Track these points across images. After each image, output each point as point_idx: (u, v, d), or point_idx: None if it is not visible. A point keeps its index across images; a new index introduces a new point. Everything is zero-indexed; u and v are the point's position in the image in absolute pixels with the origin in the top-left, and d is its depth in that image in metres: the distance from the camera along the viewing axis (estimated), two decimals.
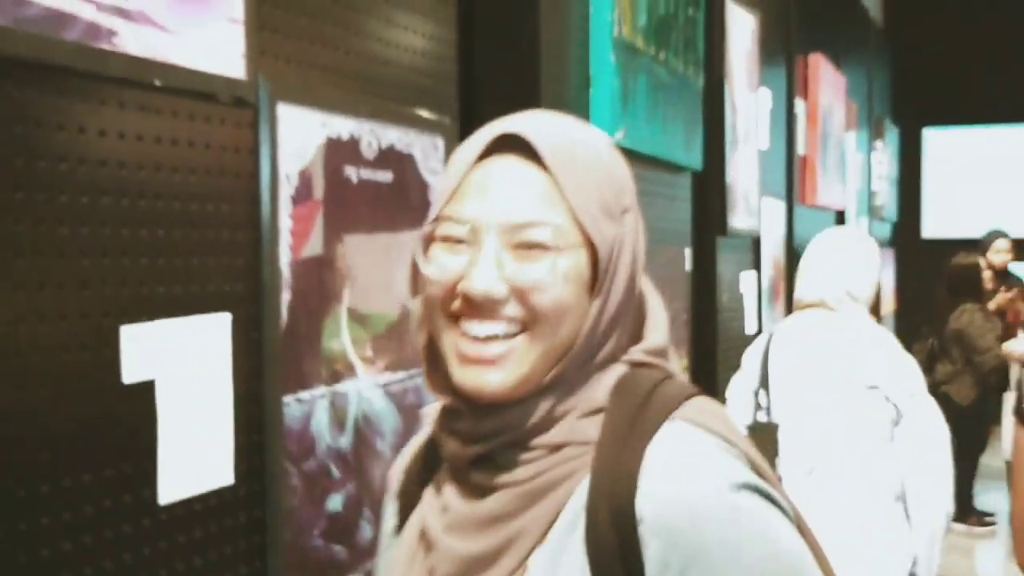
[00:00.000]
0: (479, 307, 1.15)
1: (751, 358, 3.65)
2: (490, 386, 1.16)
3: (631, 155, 3.43)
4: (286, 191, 1.99)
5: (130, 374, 1.70)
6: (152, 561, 1.75)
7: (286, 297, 1.99)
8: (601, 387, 1.21)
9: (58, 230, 1.59)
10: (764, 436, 3.33)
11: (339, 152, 2.14)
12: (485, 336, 1.16)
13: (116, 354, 1.68)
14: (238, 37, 1.86)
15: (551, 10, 3.01)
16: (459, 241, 1.17)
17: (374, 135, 2.24)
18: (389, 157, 2.29)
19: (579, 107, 3.23)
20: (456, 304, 1.17)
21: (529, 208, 1.17)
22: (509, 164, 1.18)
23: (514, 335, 1.17)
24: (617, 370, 1.24)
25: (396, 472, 1.41)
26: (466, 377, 1.18)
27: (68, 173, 1.60)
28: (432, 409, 1.34)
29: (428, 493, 1.29)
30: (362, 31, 2.25)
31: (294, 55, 2.06)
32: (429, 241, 1.20)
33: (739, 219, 4.77)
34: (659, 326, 1.31)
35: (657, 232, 3.89)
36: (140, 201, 1.72)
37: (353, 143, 2.18)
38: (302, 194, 2.04)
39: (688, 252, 4.35)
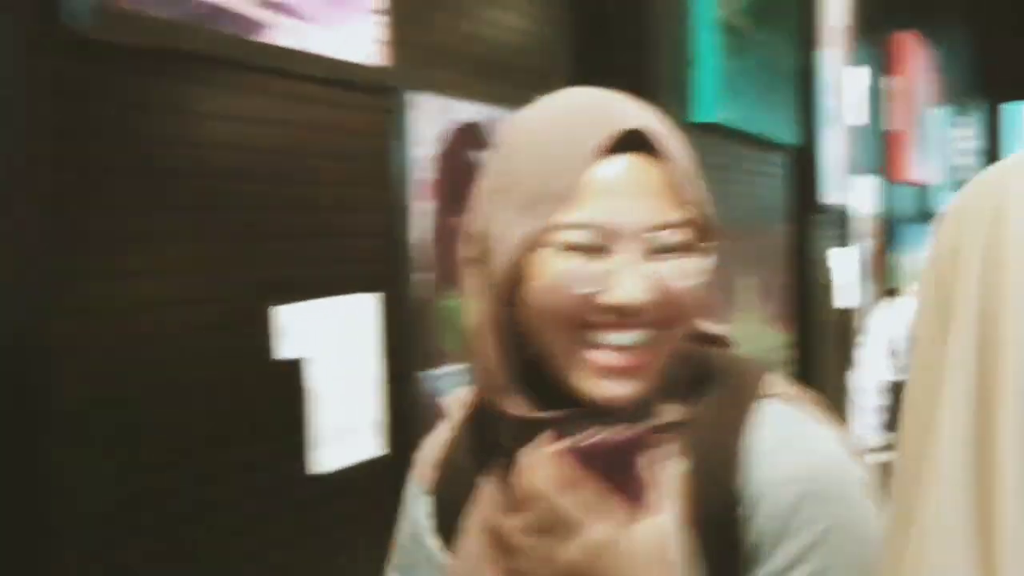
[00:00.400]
0: (623, 317, 1.10)
1: (880, 322, 3.64)
2: (628, 395, 1.11)
3: (732, 133, 3.45)
4: (417, 174, 2.03)
5: (282, 352, 1.76)
6: (308, 528, 1.81)
7: (426, 276, 2.04)
8: (684, 367, 1.17)
9: (214, 216, 1.65)
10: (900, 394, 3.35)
11: (463, 136, 2.17)
12: (629, 345, 1.11)
13: (268, 334, 1.74)
14: (376, 28, 1.92)
15: None
16: (585, 248, 1.09)
17: (498, 119, 2.27)
18: None
19: (681, 87, 3.26)
20: (592, 315, 1.10)
21: (662, 210, 1.10)
22: (630, 163, 1.11)
23: (651, 340, 1.12)
24: (692, 348, 1.20)
25: (424, 466, 1.32)
26: (602, 388, 1.11)
27: (222, 161, 1.66)
28: (456, 401, 1.30)
29: (487, 493, 1.22)
30: (485, 20, 2.30)
31: (424, 44, 2.11)
32: (530, 245, 1.10)
33: (832, 195, 4.74)
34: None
35: (755, 208, 3.89)
36: (288, 188, 1.78)
37: (475, 127, 2.22)
38: (432, 176, 2.07)
39: (784, 228, 4.34)
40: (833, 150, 4.75)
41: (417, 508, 1.30)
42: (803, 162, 4.44)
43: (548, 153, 1.10)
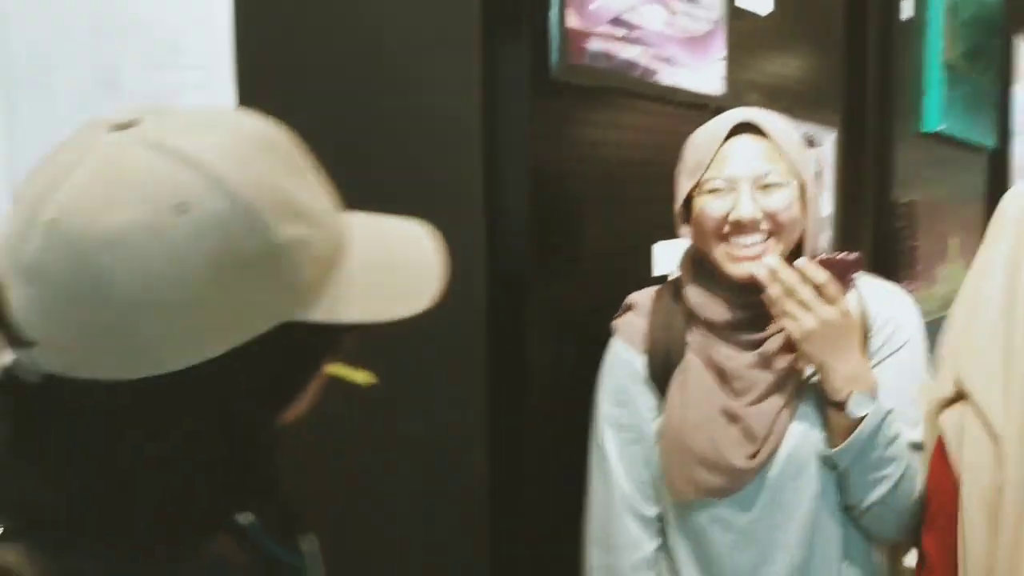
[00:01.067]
0: (743, 227, 1.20)
1: None
2: (750, 275, 1.21)
3: (949, 139, 3.22)
4: None
5: (657, 270, 1.79)
6: None
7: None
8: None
9: (617, 187, 1.68)
10: None
11: None
12: (749, 244, 1.21)
13: (650, 261, 1.78)
14: (721, 70, 1.92)
15: (902, 45, 2.89)
16: (719, 191, 1.22)
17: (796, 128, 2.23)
18: (805, 142, 2.27)
19: (917, 108, 3.08)
20: (726, 228, 1.22)
21: (763, 163, 1.22)
22: (744, 139, 1.23)
23: (764, 241, 1.21)
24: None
25: (633, 335, 1.34)
26: (738, 269, 1.22)
27: (632, 162, 1.70)
28: (641, 296, 1.38)
29: (695, 350, 1.27)
30: (782, 63, 2.25)
31: (749, 80, 2.10)
32: (689, 196, 1.26)
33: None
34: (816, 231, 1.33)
35: (963, 192, 3.63)
36: (665, 169, 1.78)
37: None
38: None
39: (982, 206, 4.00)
40: (1020, 152, 4.33)
41: (631, 365, 1.33)
42: (998, 161, 4.08)
43: (699, 142, 1.28)
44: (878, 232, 2.87)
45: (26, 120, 0.98)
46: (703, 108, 1.88)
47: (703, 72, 1.86)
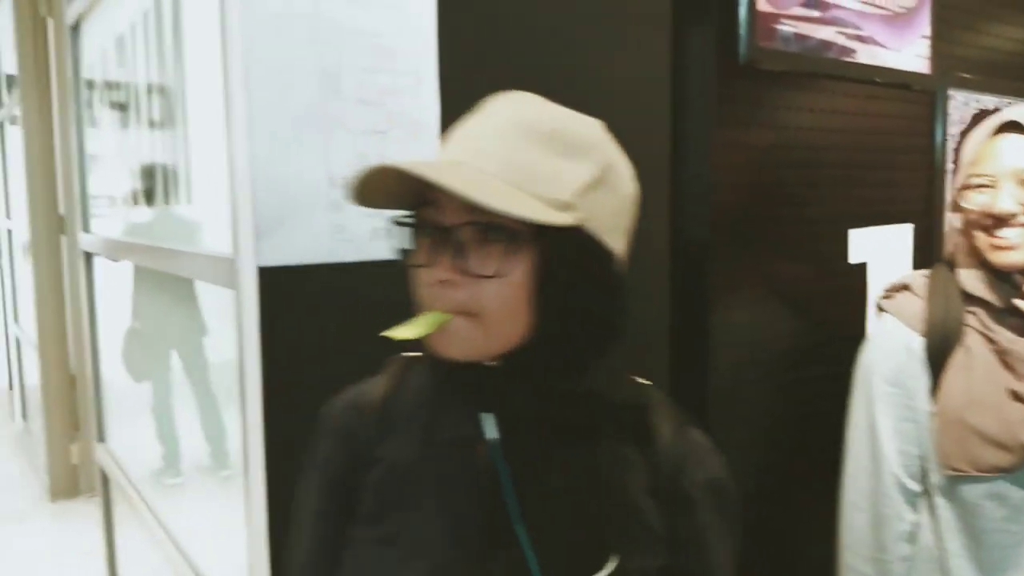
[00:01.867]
0: (1003, 220, 1.24)
1: None
2: (1012, 264, 1.25)
3: None
4: (950, 145, 1.94)
5: (852, 258, 1.77)
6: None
7: (948, 214, 1.95)
8: None
9: (810, 172, 1.67)
10: None
11: (981, 119, 2.03)
12: (1008, 236, 1.24)
13: (845, 247, 1.76)
14: (925, 47, 1.85)
15: None
16: (985, 186, 1.26)
17: (1009, 106, 2.10)
18: None
19: None
20: (988, 221, 1.25)
21: None
22: (1010, 137, 1.25)
23: (1021, 234, 1.25)
24: None
25: (911, 319, 1.34)
26: (1000, 258, 1.26)
27: (829, 138, 1.68)
28: (914, 277, 1.38)
29: (974, 332, 1.29)
30: (1002, 35, 2.11)
31: (958, 56, 2.00)
32: (963, 188, 1.29)
33: None
34: None
35: None
36: (859, 153, 1.77)
37: (989, 112, 2.06)
38: (959, 147, 1.98)
39: None
40: None
41: (908, 345, 1.32)
42: None
43: (974, 138, 1.31)
44: None
45: (262, 128, 1.10)
46: (906, 88, 1.84)
47: (906, 50, 1.79)
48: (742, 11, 1.44)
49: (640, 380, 0.84)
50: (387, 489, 0.80)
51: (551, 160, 0.73)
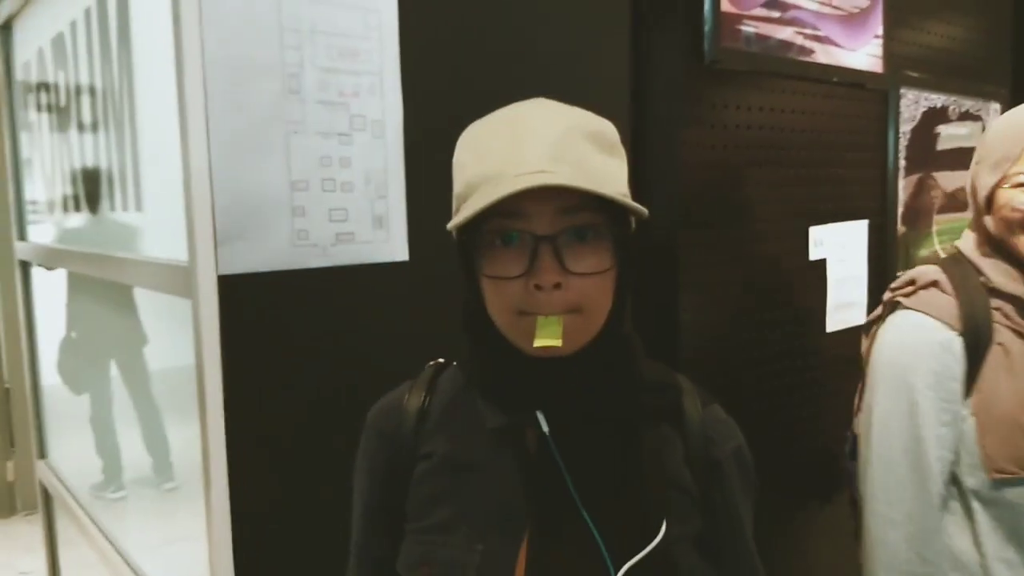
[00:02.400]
0: None
1: None
2: None
3: None
4: (902, 143, 1.97)
5: (812, 255, 1.79)
6: (822, 361, 1.83)
7: (900, 211, 1.98)
8: None
9: (772, 171, 1.68)
10: None
11: (934, 116, 2.07)
12: None
13: (805, 243, 1.77)
14: (878, 47, 1.88)
15: None
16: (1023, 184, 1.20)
17: (957, 104, 2.15)
18: (966, 118, 2.19)
19: None
20: None
21: None
22: None
23: None
24: None
25: (950, 318, 1.25)
26: None
27: (786, 137, 1.70)
28: (935, 272, 1.28)
29: (1006, 328, 1.24)
30: (944, 36, 2.15)
31: (908, 56, 2.03)
32: (1003, 187, 1.22)
33: None
34: None
35: None
36: (817, 152, 1.79)
37: (943, 110, 2.11)
38: (911, 144, 2.00)
39: None
40: None
41: (949, 345, 1.23)
42: None
43: (1005, 135, 1.24)
44: None
45: (220, 131, 1.07)
46: (860, 87, 1.86)
47: (860, 50, 1.82)
48: (707, 11, 1.44)
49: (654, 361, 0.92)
50: (437, 481, 0.87)
51: (604, 159, 0.81)
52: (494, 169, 0.79)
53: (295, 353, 1.15)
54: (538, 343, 0.77)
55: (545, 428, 0.83)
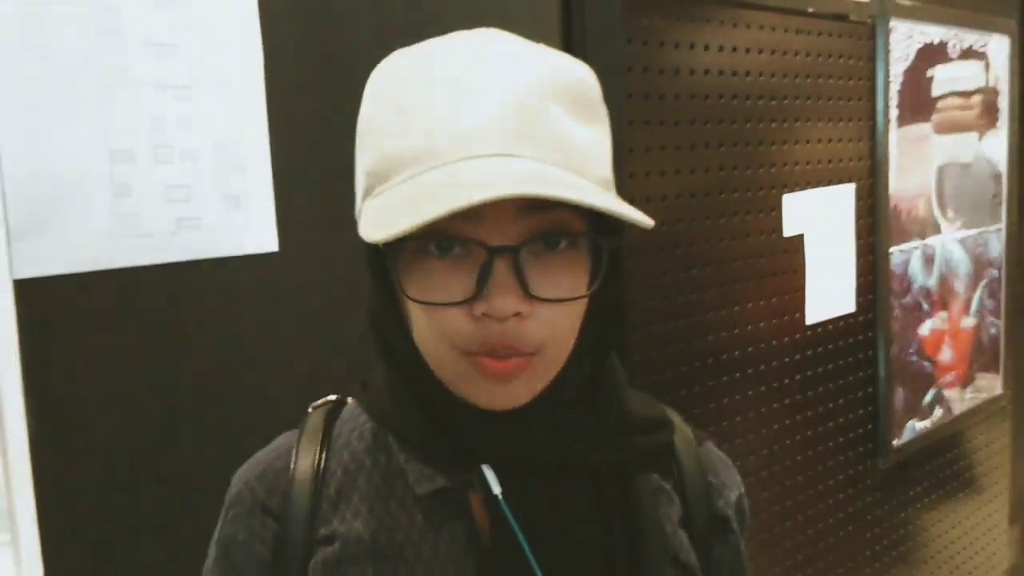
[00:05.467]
0: None
1: None
2: None
3: None
4: (894, 87, 1.98)
5: (788, 230, 1.78)
6: (800, 365, 1.83)
7: (893, 171, 1.99)
8: None
9: (733, 127, 1.65)
10: None
11: (930, 54, 2.09)
12: None
13: (779, 216, 1.76)
14: None
15: None
16: None
17: (958, 38, 2.16)
18: (968, 55, 2.21)
19: None
20: None
21: None
22: None
23: None
24: None
25: None
26: None
27: (735, 84, 1.66)
28: None
29: None
30: None
31: None
32: None
33: None
34: None
35: None
36: (789, 101, 1.76)
37: (942, 46, 2.12)
38: (904, 89, 2.01)
39: None
40: None
41: None
42: None
43: None
44: None
45: (4, 91, 0.99)
46: (842, 19, 1.85)
47: None
48: None
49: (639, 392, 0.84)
50: (347, 573, 0.75)
51: (583, 129, 0.70)
52: (429, 142, 0.66)
53: (124, 377, 1.09)
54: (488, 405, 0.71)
55: (496, 489, 0.73)
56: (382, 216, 0.66)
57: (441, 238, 0.67)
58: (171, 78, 1.10)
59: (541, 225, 0.67)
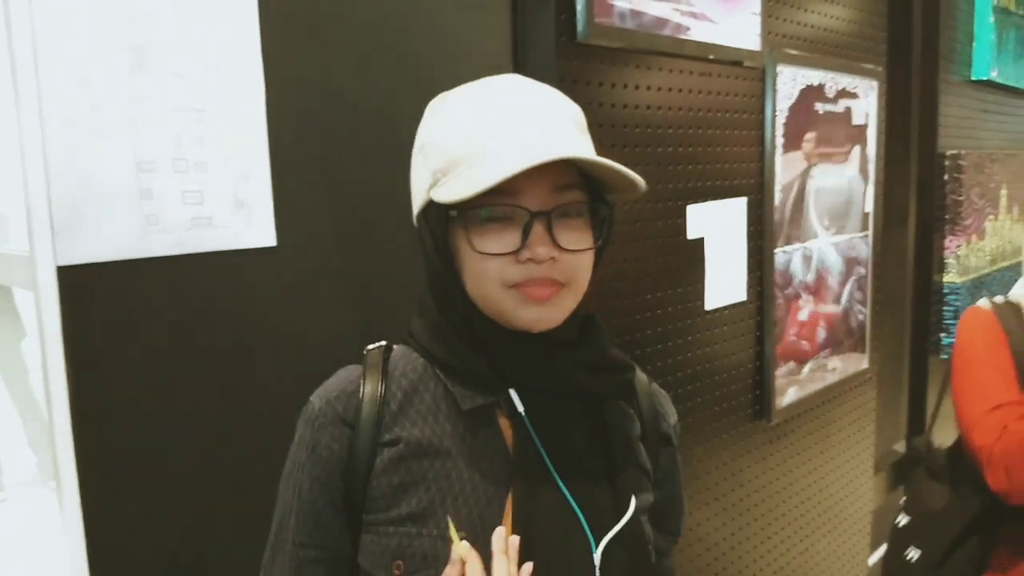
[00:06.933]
0: None
1: None
2: None
3: (999, 87, 3.13)
4: (780, 120, 2.01)
5: (691, 234, 1.80)
6: (701, 340, 1.86)
7: (778, 187, 2.02)
8: None
9: (649, 151, 1.67)
10: None
11: (811, 94, 2.12)
12: None
13: (684, 222, 1.78)
14: (756, 24, 1.90)
15: None
16: None
17: (834, 81, 2.20)
18: (842, 95, 2.24)
19: (965, 56, 2.98)
20: None
21: None
22: None
23: None
24: None
25: None
26: None
27: (659, 117, 1.69)
28: None
29: None
30: (823, 13, 2.20)
31: (786, 33, 2.06)
32: None
33: None
34: None
35: (1015, 138, 3.53)
36: (695, 130, 1.80)
37: (820, 87, 2.15)
38: (789, 121, 2.04)
39: None
40: None
41: None
42: None
43: None
44: (923, 185, 2.82)
45: (56, 107, 0.99)
46: (738, 64, 1.88)
47: (737, 27, 1.83)
48: None
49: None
50: (404, 468, 0.84)
51: (584, 139, 0.85)
52: (484, 145, 0.79)
53: (148, 348, 1.10)
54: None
55: (520, 407, 0.84)
56: (461, 186, 0.78)
57: (495, 208, 0.80)
58: (188, 103, 1.11)
59: (564, 199, 0.81)
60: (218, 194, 1.14)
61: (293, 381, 1.12)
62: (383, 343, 0.94)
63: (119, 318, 1.07)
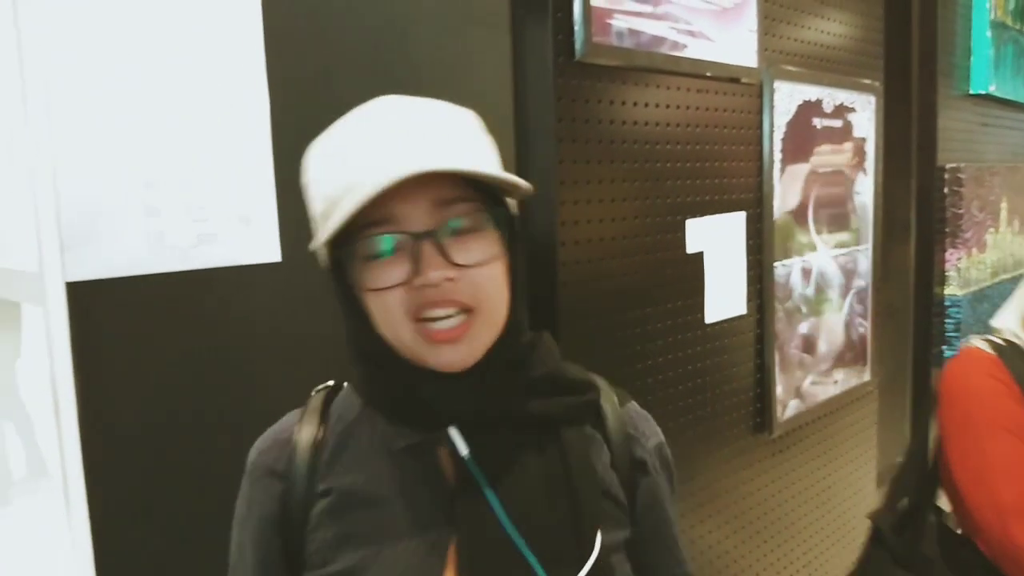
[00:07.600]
0: None
1: None
2: None
3: (998, 100, 3.15)
4: (778, 135, 2.02)
5: (690, 248, 1.81)
6: (704, 352, 1.87)
7: (777, 202, 2.03)
8: None
9: (648, 166, 1.70)
10: None
11: (809, 109, 2.13)
12: None
13: (683, 236, 1.79)
14: (753, 41, 1.91)
15: (944, 3, 2.82)
16: None
17: (831, 97, 2.21)
18: (840, 111, 2.25)
19: (963, 70, 3.00)
20: None
21: None
22: None
23: None
24: None
25: None
26: None
27: (657, 133, 1.70)
28: None
29: None
30: (820, 30, 2.21)
31: (783, 50, 2.08)
32: None
33: None
34: None
35: (1013, 151, 3.54)
36: (693, 146, 1.81)
37: (818, 103, 2.16)
38: (787, 136, 2.05)
39: None
40: None
41: None
42: None
43: None
44: (923, 198, 2.83)
45: (64, 126, 1.00)
46: (735, 81, 1.90)
47: (734, 44, 1.85)
48: (577, 7, 1.44)
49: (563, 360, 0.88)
50: (341, 520, 0.79)
51: (471, 142, 0.78)
52: (356, 176, 0.72)
53: (155, 362, 1.11)
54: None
55: (461, 445, 0.77)
56: (332, 222, 0.74)
57: (377, 240, 0.74)
58: (193, 123, 1.12)
59: (450, 214, 0.75)
60: (224, 210, 1.16)
61: (298, 396, 1.13)
62: (331, 383, 0.90)
63: (126, 333, 1.09)
